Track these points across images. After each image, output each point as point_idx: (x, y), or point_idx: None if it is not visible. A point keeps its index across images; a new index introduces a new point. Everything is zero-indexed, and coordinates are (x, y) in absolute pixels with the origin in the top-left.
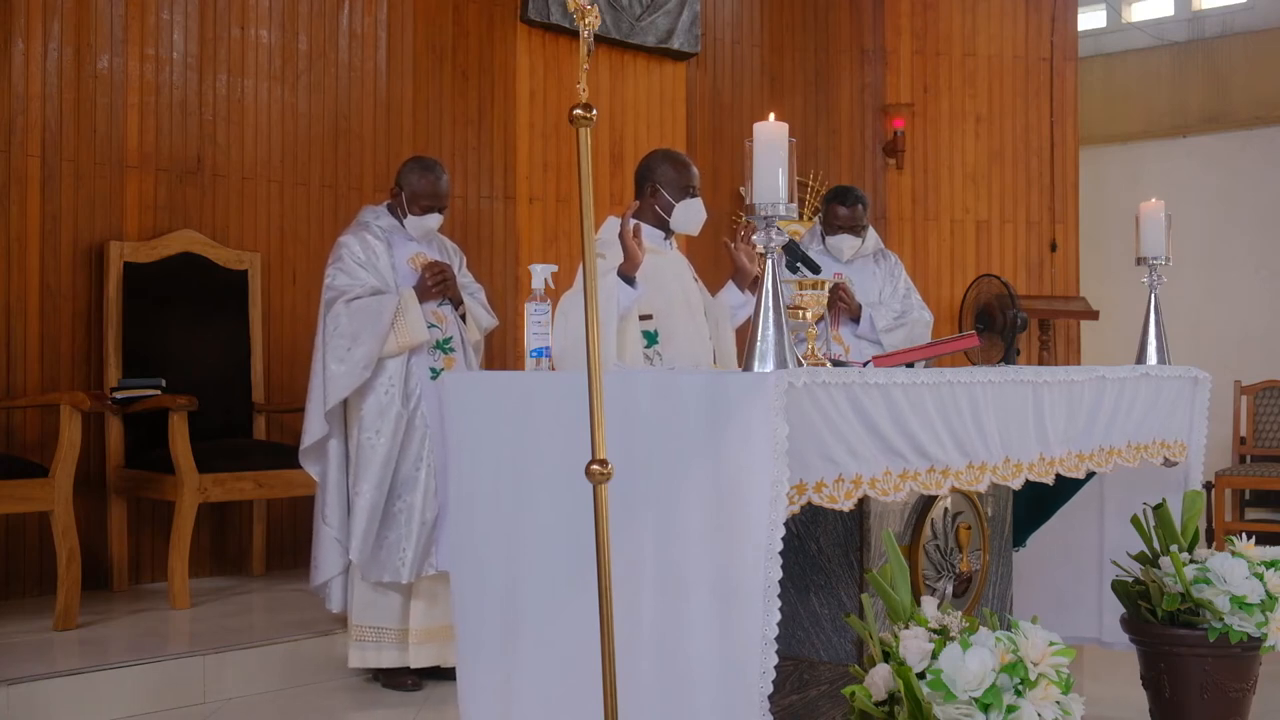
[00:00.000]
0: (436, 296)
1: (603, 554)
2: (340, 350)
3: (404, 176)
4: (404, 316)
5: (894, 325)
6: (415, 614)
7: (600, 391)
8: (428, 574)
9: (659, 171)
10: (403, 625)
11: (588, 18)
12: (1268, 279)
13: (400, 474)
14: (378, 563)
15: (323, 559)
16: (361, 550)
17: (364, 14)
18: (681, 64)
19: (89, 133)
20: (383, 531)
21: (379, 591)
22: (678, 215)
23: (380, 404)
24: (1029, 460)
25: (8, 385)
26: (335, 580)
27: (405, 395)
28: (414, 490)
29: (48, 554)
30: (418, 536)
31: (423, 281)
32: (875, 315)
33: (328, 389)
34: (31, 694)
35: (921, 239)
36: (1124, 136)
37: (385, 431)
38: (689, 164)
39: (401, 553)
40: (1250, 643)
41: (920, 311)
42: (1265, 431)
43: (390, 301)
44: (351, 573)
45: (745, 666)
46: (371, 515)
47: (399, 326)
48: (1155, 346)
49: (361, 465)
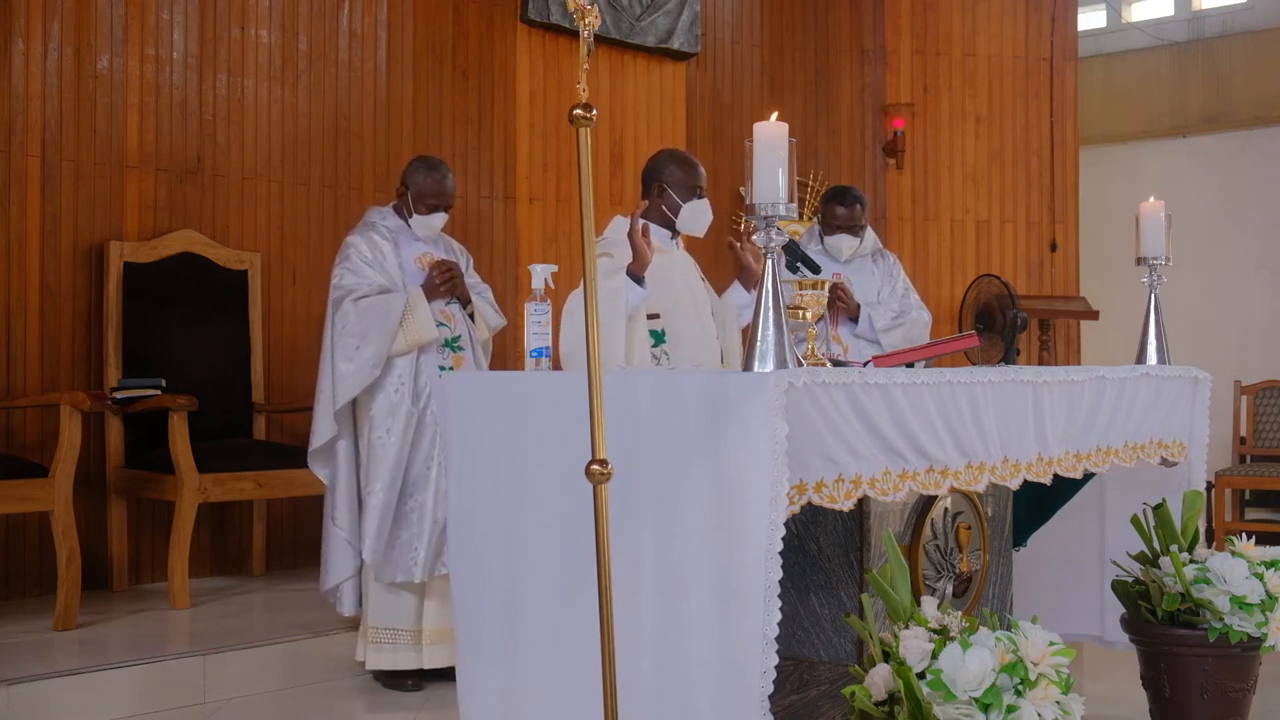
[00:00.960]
0: (444, 295)
1: (603, 554)
2: (349, 349)
3: (410, 176)
4: (412, 314)
5: (892, 325)
6: (428, 614)
7: (600, 391)
8: (440, 573)
9: (666, 171)
10: (418, 626)
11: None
12: (1268, 279)
13: (411, 473)
14: (390, 563)
15: (333, 562)
16: (374, 550)
17: (364, 14)
18: (681, 64)
19: (89, 133)
20: (395, 531)
21: (393, 593)
22: (684, 216)
23: (390, 402)
24: (1027, 460)
25: (8, 385)
26: (347, 584)
27: (415, 394)
28: (425, 489)
29: (48, 554)
30: (430, 535)
31: (430, 280)
32: (874, 315)
33: (337, 388)
34: (31, 694)
35: (921, 239)
36: (1124, 136)
37: (396, 430)
38: (696, 164)
39: (414, 552)
40: (1250, 643)
41: (919, 311)
42: (1265, 431)
43: (398, 300)
44: (365, 575)
45: (745, 666)
46: (384, 515)
47: (407, 324)
48: (1155, 346)
49: (373, 465)
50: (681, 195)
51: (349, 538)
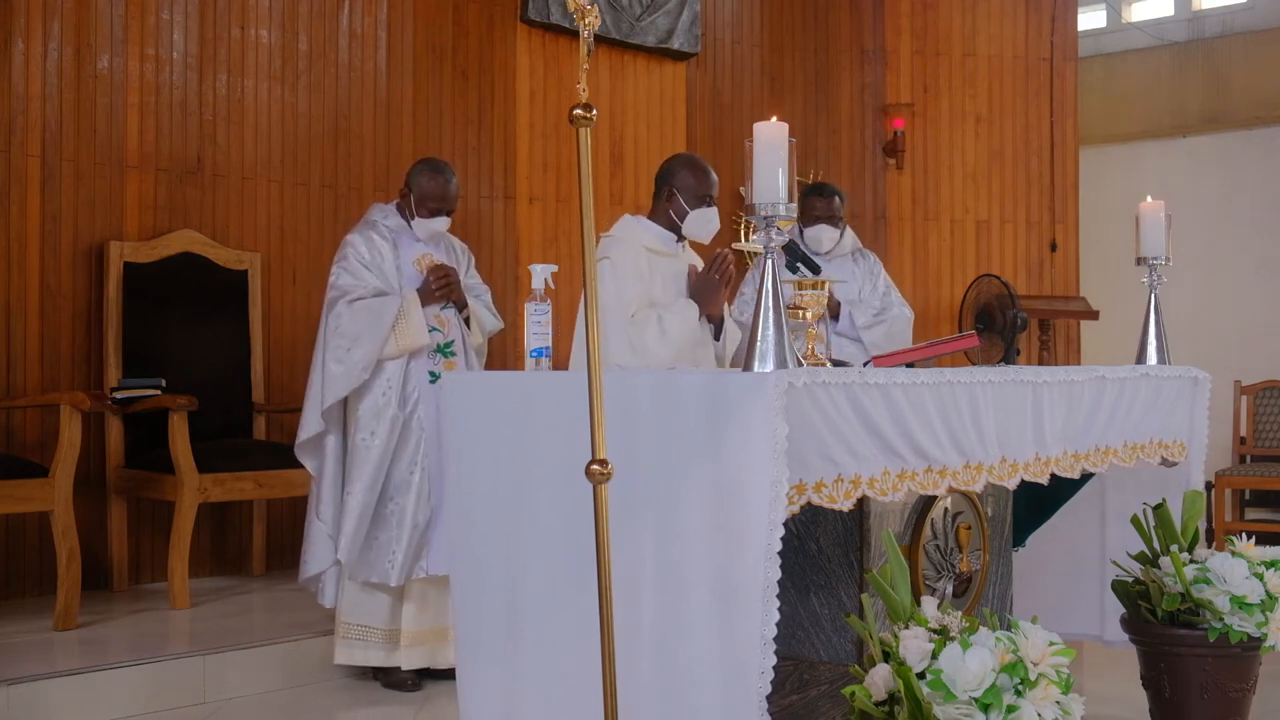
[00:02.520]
0: (440, 300)
1: (603, 554)
2: (340, 351)
3: (414, 178)
4: (405, 319)
5: (873, 322)
6: (406, 617)
7: (600, 391)
8: (418, 577)
9: (678, 177)
10: (389, 625)
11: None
12: (1268, 279)
13: (394, 476)
14: (366, 563)
15: (312, 553)
16: (349, 550)
17: (364, 14)
18: (681, 64)
19: (89, 133)
20: (373, 532)
21: (367, 591)
22: (690, 223)
23: (376, 405)
24: (1025, 460)
25: (8, 385)
26: (328, 574)
27: (403, 398)
28: (406, 493)
29: (48, 554)
30: (409, 539)
31: (427, 284)
32: (854, 312)
33: (325, 388)
34: (31, 694)
35: (921, 239)
36: (1124, 136)
37: (380, 433)
38: (709, 172)
39: (391, 555)
40: (1250, 643)
41: (900, 309)
42: (1265, 431)
43: (392, 304)
44: (342, 570)
45: (745, 666)
46: (361, 516)
47: (400, 329)
48: (1155, 346)
49: (354, 466)
50: (690, 202)
51: (330, 532)
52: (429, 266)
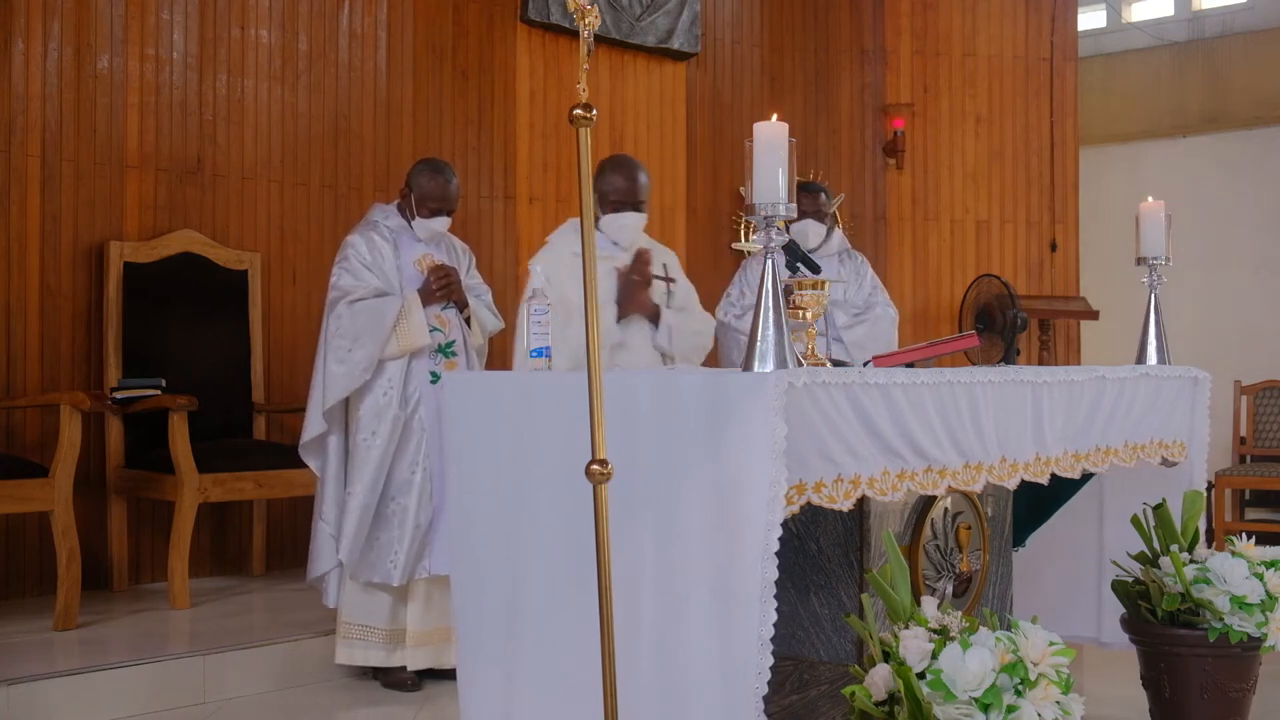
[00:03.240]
0: (440, 300)
1: (603, 554)
2: (341, 351)
3: (414, 178)
4: (406, 320)
5: (854, 322)
6: (411, 617)
7: (600, 391)
8: (420, 577)
9: (598, 180)
10: (390, 625)
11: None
12: (1268, 279)
13: (395, 477)
14: (367, 563)
15: (317, 553)
16: (350, 551)
17: (364, 14)
18: (681, 64)
19: (89, 133)
20: (374, 532)
21: (368, 591)
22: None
23: (377, 405)
24: (1025, 460)
25: (8, 385)
26: (333, 574)
27: (404, 399)
28: (408, 493)
29: (48, 554)
30: (410, 539)
31: (427, 285)
32: (835, 312)
33: (327, 389)
34: (31, 694)
35: (921, 239)
36: (1124, 136)
37: (381, 433)
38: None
39: (394, 555)
40: (1250, 643)
41: (884, 308)
42: (1265, 431)
43: (393, 304)
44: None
45: (745, 667)
46: (362, 516)
47: (401, 330)
48: (1155, 346)
49: (355, 466)
50: (603, 207)
51: (333, 532)
52: (430, 267)
